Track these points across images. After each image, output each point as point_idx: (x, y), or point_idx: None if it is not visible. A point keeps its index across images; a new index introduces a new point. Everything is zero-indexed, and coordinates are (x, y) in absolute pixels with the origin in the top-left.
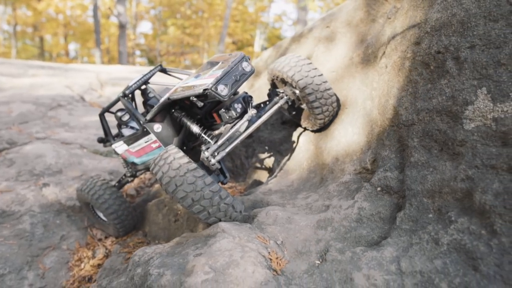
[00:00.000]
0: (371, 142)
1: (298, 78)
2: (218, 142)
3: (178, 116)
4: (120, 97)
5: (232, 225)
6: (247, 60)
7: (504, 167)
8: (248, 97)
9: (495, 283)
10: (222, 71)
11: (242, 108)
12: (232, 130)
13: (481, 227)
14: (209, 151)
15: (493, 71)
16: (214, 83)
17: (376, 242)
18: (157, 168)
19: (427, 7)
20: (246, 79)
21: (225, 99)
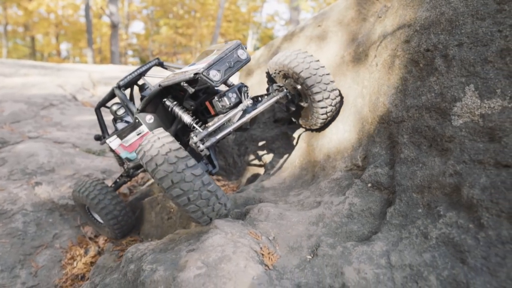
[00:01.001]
0: (362, 139)
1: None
2: (208, 129)
3: (170, 106)
4: (115, 88)
5: (224, 221)
6: (243, 48)
7: (491, 162)
8: (244, 87)
9: (482, 275)
10: (216, 57)
11: (237, 98)
12: (224, 118)
13: (469, 221)
14: (198, 136)
15: (480, 68)
16: (206, 68)
17: (366, 237)
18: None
19: (416, 6)
20: (241, 67)
21: (217, 85)
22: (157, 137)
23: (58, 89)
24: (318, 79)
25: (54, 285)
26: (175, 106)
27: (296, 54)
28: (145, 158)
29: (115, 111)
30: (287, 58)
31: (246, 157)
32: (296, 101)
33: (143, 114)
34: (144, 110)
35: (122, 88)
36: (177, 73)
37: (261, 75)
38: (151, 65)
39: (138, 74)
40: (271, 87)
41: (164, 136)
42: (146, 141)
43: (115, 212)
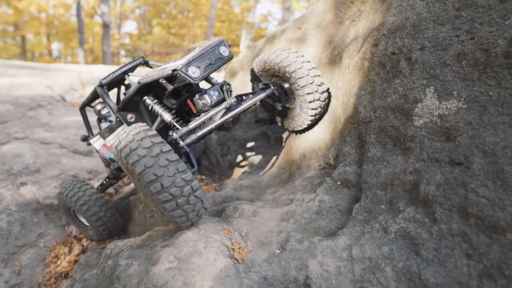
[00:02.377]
0: (334, 139)
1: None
2: (189, 126)
3: (150, 104)
4: (97, 86)
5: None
6: (225, 45)
7: (446, 160)
8: (226, 84)
9: (432, 266)
10: (196, 53)
11: (219, 96)
12: (205, 116)
13: (424, 216)
14: (178, 133)
15: (439, 71)
16: (185, 64)
17: (333, 232)
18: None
19: (385, 10)
20: (222, 64)
21: (196, 81)
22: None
23: (46, 89)
24: (311, 80)
25: (38, 283)
26: (155, 104)
27: (288, 53)
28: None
29: (99, 111)
30: (278, 57)
31: (229, 157)
32: (283, 100)
33: (124, 113)
34: (125, 108)
35: (105, 87)
36: (156, 70)
37: (244, 76)
38: (136, 64)
39: (122, 72)
40: (256, 85)
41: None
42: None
43: (101, 214)
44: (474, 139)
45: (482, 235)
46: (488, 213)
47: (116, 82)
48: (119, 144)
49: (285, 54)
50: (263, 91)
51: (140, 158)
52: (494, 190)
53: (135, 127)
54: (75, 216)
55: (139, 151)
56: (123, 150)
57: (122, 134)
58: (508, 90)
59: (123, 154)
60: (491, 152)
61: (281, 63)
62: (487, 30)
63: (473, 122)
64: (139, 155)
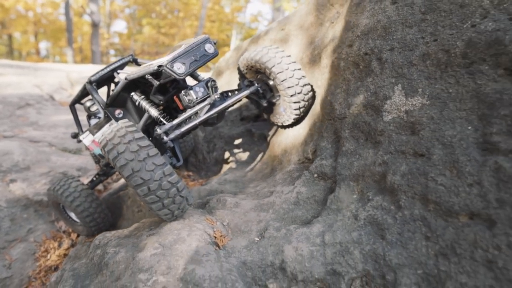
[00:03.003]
0: (313, 135)
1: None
2: (173, 122)
3: (137, 100)
4: (86, 83)
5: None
6: (210, 42)
7: (410, 152)
8: (212, 81)
9: (395, 248)
10: (181, 50)
11: (205, 92)
12: (190, 112)
13: (390, 203)
14: (162, 129)
15: (406, 70)
16: (170, 60)
17: (309, 221)
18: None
19: (359, 13)
20: (207, 61)
21: (181, 77)
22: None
23: (35, 89)
24: (290, 74)
25: (28, 276)
26: (142, 100)
27: (268, 49)
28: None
29: (88, 108)
30: (258, 53)
31: (215, 154)
32: (268, 96)
33: (112, 108)
34: (113, 104)
35: (94, 84)
36: (143, 66)
37: (230, 75)
38: (125, 61)
39: (111, 69)
40: (242, 82)
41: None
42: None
43: (91, 210)
44: (435, 133)
45: (439, 219)
46: (445, 199)
47: (105, 79)
48: (106, 144)
49: (264, 51)
50: (247, 88)
51: (128, 162)
52: (451, 178)
53: (121, 126)
54: (65, 211)
55: (126, 154)
56: (110, 152)
57: (108, 131)
58: (465, 87)
59: (111, 156)
60: (449, 144)
61: (260, 60)
62: (448, 32)
63: (434, 117)
64: (126, 159)
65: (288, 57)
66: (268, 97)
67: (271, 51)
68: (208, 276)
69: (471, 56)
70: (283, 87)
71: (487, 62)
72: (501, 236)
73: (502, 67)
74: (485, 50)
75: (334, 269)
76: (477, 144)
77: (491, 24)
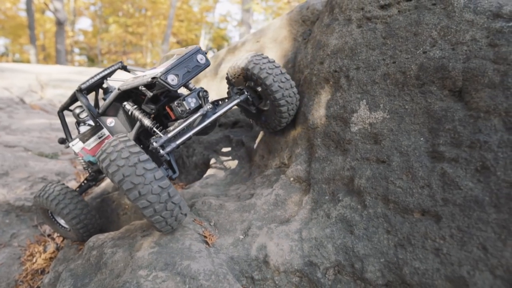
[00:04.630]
0: (288, 142)
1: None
2: (168, 134)
3: (130, 109)
4: (76, 91)
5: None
6: (202, 53)
7: (374, 159)
8: (203, 91)
9: (362, 241)
10: (174, 61)
11: (197, 103)
12: (184, 123)
13: (357, 203)
14: (158, 142)
15: (370, 88)
16: (164, 72)
17: (287, 219)
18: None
19: (329, 34)
20: (199, 72)
21: (174, 89)
22: (123, 146)
23: (3, 91)
24: (276, 78)
25: (15, 280)
26: (135, 110)
27: (252, 56)
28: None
29: (77, 114)
30: (243, 61)
31: (194, 158)
32: (257, 104)
33: (104, 117)
34: (105, 113)
35: (84, 91)
36: (136, 77)
37: (207, 83)
38: (115, 69)
39: (101, 77)
40: (231, 90)
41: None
42: (111, 148)
43: (82, 216)
44: (394, 143)
45: (398, 215)
46: (402, 199)
47: (94, 86)
48: (100, 155)
49: (249, 58)
50: (237, 96)
51: (119, 168)
52: (406, 182)
53: (115, 138)
54: (53, 218)
55: (117, 161)
56: (104, 160)
57: (104, 145)
58: (418, 104)
59: (104, 164)
60: (405, 152)
61: (246, 66)
62: (405, 56)
63: (393, 129)
64: (117, 165)
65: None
66: (256, 104)
67: (255, 57)
68: (202, 270)
69: (423, 78)
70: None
71: (435, 84)
72: (446, 228)
73: (447, 88)
74: (434, 74)
75: (311, 260)
76: (428, 153)
77: (438, 52)
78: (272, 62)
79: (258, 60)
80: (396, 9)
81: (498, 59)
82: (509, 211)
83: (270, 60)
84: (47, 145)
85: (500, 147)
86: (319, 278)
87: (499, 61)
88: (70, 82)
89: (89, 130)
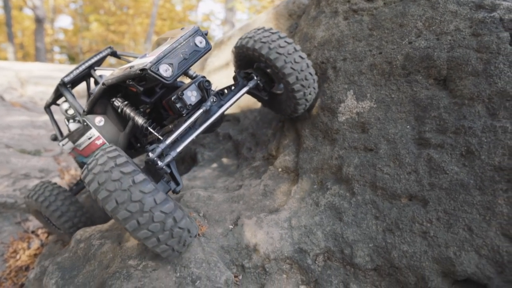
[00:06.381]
0: (276, 134)
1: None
2: (166, 141)
3: (119, 106)
4: (59, 85)
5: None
6: (201, 35)
7: (361, 147)
8: (205, 82)
9: (351, 227)
10: (167, 47)
11: (198, 96)
12: (184, 125)
13: (346, 191)
14: (155, 152)
15: (357, 78)
16: (154, 62)
17: (276, 209)
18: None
19: (316, 26)
20: (199, 58)
21: (168, 82)
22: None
23: None
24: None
25: None
26: (125, 107)
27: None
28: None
29: (65, 110)
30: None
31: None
32: (269, 88)
33: (92, 116)
34: (92, 111)
35: (69, 85)
36: (123, 68)
37: None
38: (103, 56)
39: (86, 67)
40: (238, 75)
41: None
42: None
43: (75, 220)
44: (381, 131)
45: (386, 201)
46: (390, 185)
47: (82, 77)
48: (86, 175)
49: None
50: (245, 82)
51: (110, 194)
52: (394, 168)
53: (102, 153)
54: (48, 220)
55: (107, 185)
56: (91, 184)
57: (90, 161)
58: (404, 93)
59: (92, 188)
60: (392, 140)
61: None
62: (391, 47)
63: (380, 118)
64: (108, 190)
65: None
66: (268, 89)
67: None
68: (193, 258)
69: (409, 67)
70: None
71: (421, 73)
72: (432, 212)
73: (432, 77)
74: (419, 63)
75: (301, 247)
76: (414, 140)
77: (423, 42)
78: (283, 38)
79: (267, 37)
80: (382, 1)
81: (481, 48)
82: (493, 193)
83: (281, 35)
84: (29, 142)
85: (484, 132)
86: (309, 265)
87: (482, 50)
88: (52, 79)
89: (78, 130)
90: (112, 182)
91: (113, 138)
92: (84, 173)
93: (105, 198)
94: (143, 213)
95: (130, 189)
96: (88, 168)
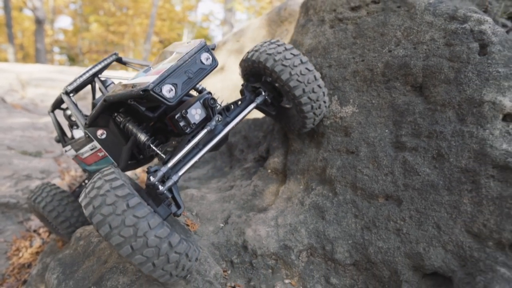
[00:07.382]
0: (266, 136)
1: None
2: (168, 164)
3: (122, 122)
4: (62, 94)
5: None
6: (208, 51)
7: (344, 150)
8: (210, 99)
9: (332, 225)
10: (171, 65)
11: (202, 114)
12: (187, 147)
13: (329, 191)
14: (156, 176)
15: (341, 84)
16: (157, 83)
17: (264, 208)
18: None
19: (304, 33)
20: (204, 76)
21: (171, 103)
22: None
23: None
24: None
25: (2, 274)
26: (128, 123)
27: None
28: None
29: (69, 117)
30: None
31: None
32: (277, 103)
33: (93, 129)
34: (94, 124)
35: (72, 94)
36: (125, 85)
37: None
38: (108, 63)
39: (90, 75)
40: (245, 89)
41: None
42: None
43: (78, 225)
44: (362, 134)
45: (364, 201)
46: (369, 186)
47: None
48: (83, 199)
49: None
50: (252, 97)
51: (104, 218)
52: (373, 170)
53: (99, 176)
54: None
55: (102, 209)
56: (87, 207)
57: (88, 185)
58: (384, 99)
59: (87, 212)
60: (372, 143)
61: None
62: (372, 55)
63: (362, 122)
64: (102, 214)
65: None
66: (276, 104)
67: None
68: None
69: (388, 75)
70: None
71: (399, 80)
72: (406, 211)
73: (409, 84)
74: (398, 71)
75: (285, 244)
76: (392, 143)
77: (401, 51)
78: (289, 50)
79: (272, 49)
80: (365, 10)
81: (453, 57)
82: (459, 193)
83: (287, 47)
84: (31, 143)
85: (453, 136)
86: (293, 260)
87: (454, 59)
88: (52, 81)
89: (80, 141)
90: (106, 206)
91: (115, 152)
92: (82, 197)
93: (99, 222)
94: (137, 238)
95: (124, 213)
96: (85, 191)
